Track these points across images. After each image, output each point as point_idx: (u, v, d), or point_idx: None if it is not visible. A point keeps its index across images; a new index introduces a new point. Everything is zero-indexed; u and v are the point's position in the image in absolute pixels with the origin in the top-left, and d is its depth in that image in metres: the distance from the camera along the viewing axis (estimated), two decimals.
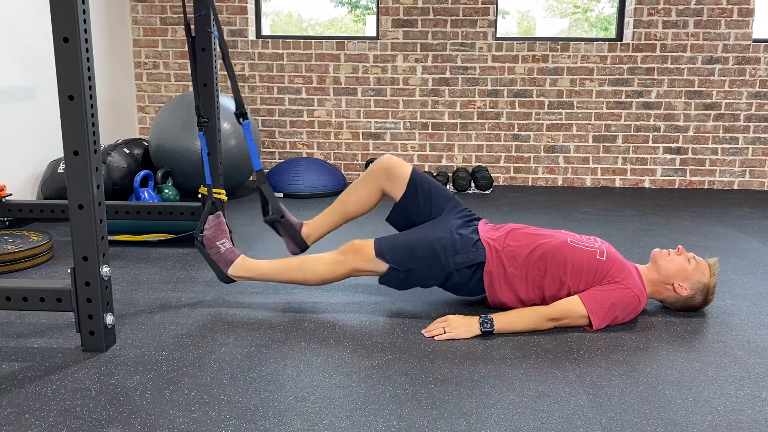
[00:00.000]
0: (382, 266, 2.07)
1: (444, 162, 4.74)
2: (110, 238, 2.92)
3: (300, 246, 2.23)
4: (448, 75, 4.61)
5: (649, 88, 4.56)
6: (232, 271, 2.13)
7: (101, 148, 1.83)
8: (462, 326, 1.93)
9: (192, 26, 2.42)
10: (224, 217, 2.22)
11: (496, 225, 2.19)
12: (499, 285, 2.05)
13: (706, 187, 4.69)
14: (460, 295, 2.17)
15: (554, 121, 4.65)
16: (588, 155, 4.69)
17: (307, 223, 2.26)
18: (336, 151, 4.77)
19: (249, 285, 2.37)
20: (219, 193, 2.74)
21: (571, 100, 4.61)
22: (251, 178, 2.51)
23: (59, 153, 3.64)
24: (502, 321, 1.95)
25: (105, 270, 1.74)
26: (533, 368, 1.74)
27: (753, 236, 3.25)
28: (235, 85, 2.16)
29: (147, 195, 3.50)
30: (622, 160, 4.68)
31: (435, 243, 2.05)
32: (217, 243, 2.14)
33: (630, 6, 4.54)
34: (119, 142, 3.84)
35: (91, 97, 1.67)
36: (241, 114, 2.16)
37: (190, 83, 4.71)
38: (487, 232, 2.11)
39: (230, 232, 2.22)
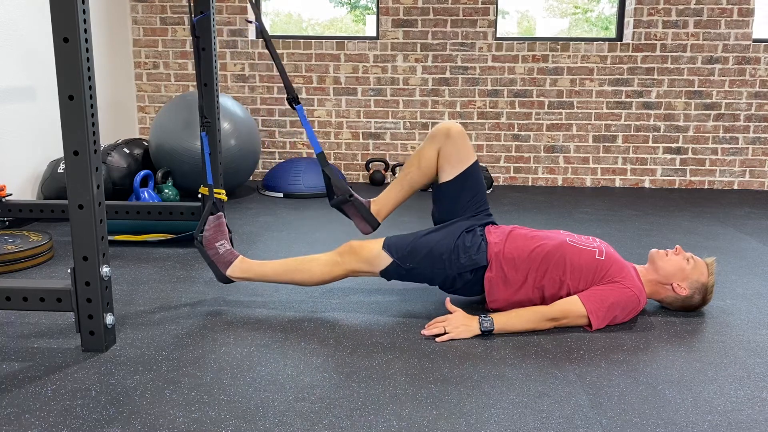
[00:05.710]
0: (382, 264, 2.08)
1: None
2: (110, 238, 2.92)
3: (372, 224, 2.19)
4: (448, 75, 4.61)
5: (649, 88, 4.56)
6: (230, 272, 2.14)
7: (101, 148, 1.83)
8: (462, 326, 1.93)
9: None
10: (224, 218, 2.22)
11: (497, 225, 2.19)
12: (498, 289, 2.05)
13: (706, 187, 4.69)
14: (461, 295, 2.18)
15: (554, 121, 4.65)
16: (588, 155, 4.69)
17: (374, 200, 2.22)
18: (336, 151, 4.77)
19: (249, 285, 2.37)
20: (219, 193, 2.74)
21: (571, 100, 4.61)
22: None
23: (59, 153, 3.64)
24: (502, 321, 1.95)
25: (105, 270, 1.74)
26: (533, 368, 1.74)
27: (753, 236, 3.25)
28: (284, 72, 2.06)
29: (147, 195, 3.50)
30: (622, 160, 4.68)
31: (440, 248, 2.05)
32: (216, 244, 2.15)
33: (630, 6, 4.54)
34: (119, 142, 3.84)
35: (91, 97, 1.67)
36: (293, 99, 2.07)
37: (190, 83, 4.71)
38: (489, 235, 2.11)
39: (230, 232, 2.23)
